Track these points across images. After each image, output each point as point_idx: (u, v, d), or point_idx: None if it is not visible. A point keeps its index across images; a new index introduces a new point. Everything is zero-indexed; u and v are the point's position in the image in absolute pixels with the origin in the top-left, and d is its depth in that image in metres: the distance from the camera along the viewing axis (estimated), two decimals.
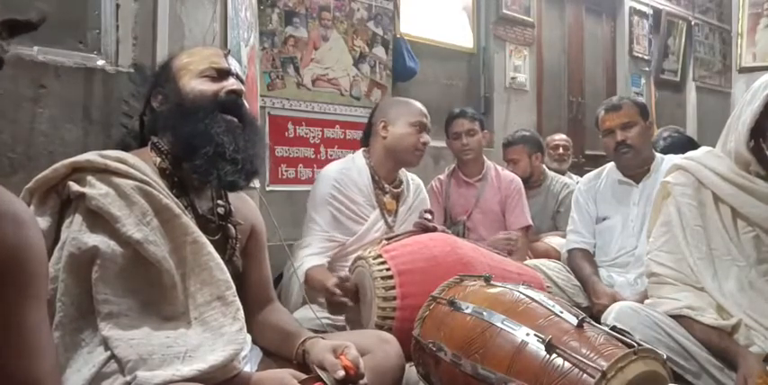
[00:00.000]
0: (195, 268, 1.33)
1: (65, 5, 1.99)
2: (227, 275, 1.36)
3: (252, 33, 2.52)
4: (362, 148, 2.42)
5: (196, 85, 1.42)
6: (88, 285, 1.21)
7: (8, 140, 1.70)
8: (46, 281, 0.77)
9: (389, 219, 2.31)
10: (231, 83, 1.44)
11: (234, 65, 1.49)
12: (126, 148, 1.45)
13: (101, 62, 1.96)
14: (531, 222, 3.01)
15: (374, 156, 2.36)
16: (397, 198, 2.37)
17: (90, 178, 1.28)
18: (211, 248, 1.36)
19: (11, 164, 1.71)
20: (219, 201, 1.49)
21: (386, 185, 2.35)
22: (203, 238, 1.35)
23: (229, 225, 1.49)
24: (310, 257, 2.14)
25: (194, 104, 1.39)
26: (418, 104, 2.44)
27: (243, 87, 1.47)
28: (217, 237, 1.44)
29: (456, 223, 2.98)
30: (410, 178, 2.46)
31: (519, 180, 3.08)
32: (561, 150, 4.09)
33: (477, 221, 2.98)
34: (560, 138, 4.18)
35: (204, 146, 1.36)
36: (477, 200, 2.99)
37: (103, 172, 1.30)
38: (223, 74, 1.45)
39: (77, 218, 1.25)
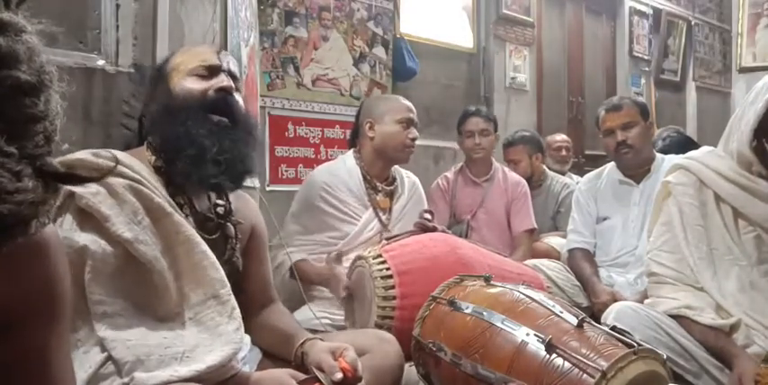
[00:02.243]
0: (189, 267, 1.32)
1: (65, 5, 1.98)
2: (222, 274, 1.35)
3: (252, 33, 2.52)
4: (352, 149, 2.41)
5: (186, 85, 1.40)
6: (81, 285, 1.20)
7: None
8: (70, 314, 0.67)
9: (384, 218, 2.30)
10: (221, 80, 1.41)
11: (227, 60, 1.46)
12: (127, 148, 1.45)
13: (101, 62, 1.96)
14: (535, 225, 3.02)
15: (364, 157, 2.35)
16: (391, 195, 2.36)
17: None
18: (205, 246, 1.34)
19: None
20: (219, 201, 1.48)
21: (378, 184, 2.34)
22: (197, 237, 1.33)
23: (229, 224, 1.48)
24: (293, 254, 2.12)
25: (182, 105, 1.37)
26: (403, 100, 2.43)
27: (233, 83, 1.44)
28: (215, 236, 1.43)
29: (460, 222, 2.98)
30: (405, 175, 2.45)
31: (525, 183, 3.09)
32: (563, 152, 4.08)
33: (481, 221, 2.98)
34: (561, 138, 4.16)
35: (185, 148, 1.33)
36: (482, 200, 2.99)
37: (96, 170, 1.29)
38: (214, 71, 1.42)
39: (68, 217, 1.24)
